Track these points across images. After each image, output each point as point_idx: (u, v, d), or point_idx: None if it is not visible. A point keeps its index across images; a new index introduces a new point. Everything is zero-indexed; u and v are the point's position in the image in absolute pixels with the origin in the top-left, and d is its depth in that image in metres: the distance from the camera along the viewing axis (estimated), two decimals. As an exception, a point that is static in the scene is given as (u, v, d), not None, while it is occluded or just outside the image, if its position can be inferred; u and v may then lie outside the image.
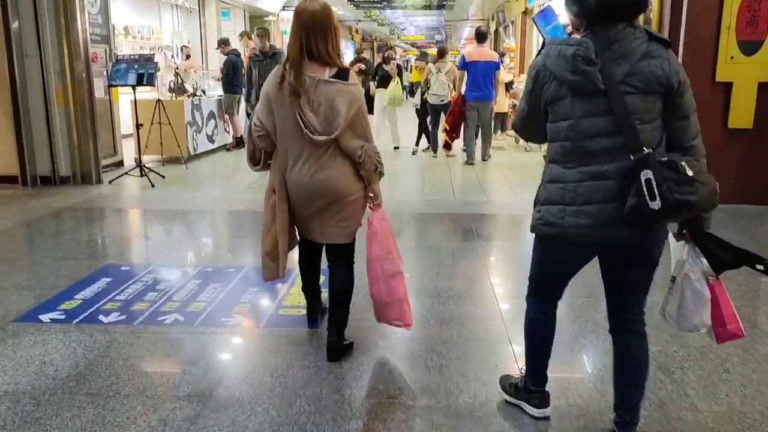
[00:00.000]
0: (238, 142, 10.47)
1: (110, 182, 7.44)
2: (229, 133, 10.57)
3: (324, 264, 3.15)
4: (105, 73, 7.77)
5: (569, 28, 2.91)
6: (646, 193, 1.84)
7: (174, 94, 9.29)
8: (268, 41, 8.86)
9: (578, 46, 1.94)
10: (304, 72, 2.63)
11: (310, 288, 3.29)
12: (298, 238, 3.07)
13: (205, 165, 9.12)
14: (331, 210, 2.80)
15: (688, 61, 5.96)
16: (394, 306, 2.92)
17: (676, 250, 2.16)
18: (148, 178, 7.46)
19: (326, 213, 2.81)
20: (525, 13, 15.83)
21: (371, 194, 2.85)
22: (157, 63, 7.80)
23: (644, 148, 1.90)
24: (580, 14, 2.01)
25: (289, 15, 17.12)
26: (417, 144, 10.06)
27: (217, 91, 10.56)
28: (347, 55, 19.58)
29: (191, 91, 9.84)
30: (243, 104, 10.48)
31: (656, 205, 1.82)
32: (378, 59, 11.87)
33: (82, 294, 3.83)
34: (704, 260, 2.09)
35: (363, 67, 10.38)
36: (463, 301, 3.75)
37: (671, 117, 1.99)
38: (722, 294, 2.13)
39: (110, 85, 7.77)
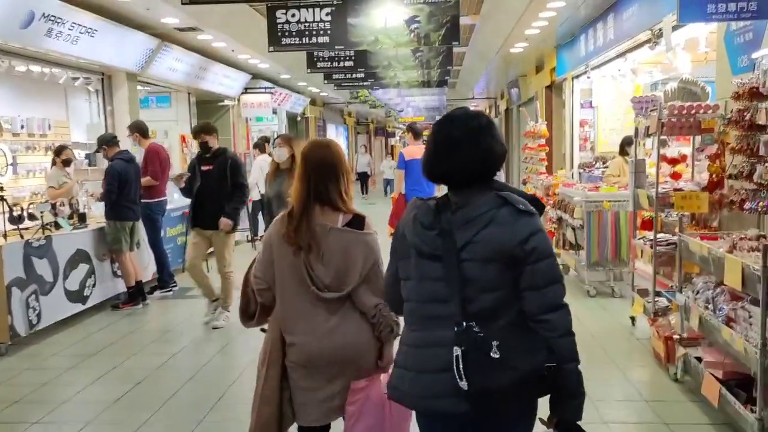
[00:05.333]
0: (135, 295, 6.71)
1: None
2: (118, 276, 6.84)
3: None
4: None
5: None
6: (454, 370, 1.78)
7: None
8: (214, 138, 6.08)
9: (418, 209, 1.98)
10: (315, 219, 2.45)
11: None
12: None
13: (56, 348, 5.39)
14: (342, 380, 2.47)
15: None
16: None
17: None
18: None
19: (335, 384, 2.48)
20: (550, 88, 12.42)
21: (379, 359, 2.52)
22: None
23: (464, 322, 1.81)
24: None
25: (254, 99, 13.79)
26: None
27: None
28: (340, 141, 16.31)
29: (53, 218, 6.17)
30: (140, 235, 6.76)
31: (464, 385, 1.77)
32: (375, 142, 9.18)
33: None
34: None
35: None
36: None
37: (521, 287, 1.88)
38: None
39: None
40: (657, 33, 6.68)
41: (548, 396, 1.91)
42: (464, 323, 1.82)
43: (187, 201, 6.20)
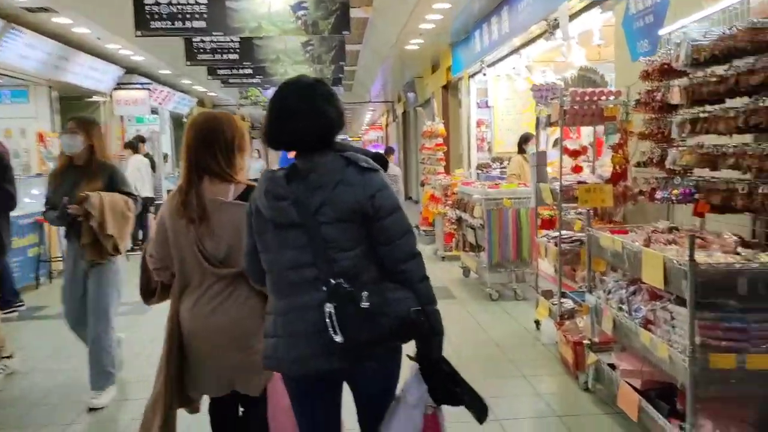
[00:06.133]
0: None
1: None
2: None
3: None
4: None
5: None
6: (329, 326, 1.85)
7: None
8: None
9: (268, 182, 1.99)
10: (204, 192, 2.41)
11: None
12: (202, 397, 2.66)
13: None
14: (232, 356, 2.46)
15: None
16: None
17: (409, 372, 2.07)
18: None
19: (224, 360, 2.47)
20: (446, 88, 12.16)
21: None
22: None
23: (332, 280, 1.88)
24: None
25: (128, 95, 12.57)
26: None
27: None
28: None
29: None
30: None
31: (339, 339, 1.84)
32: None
33: None
34: (426, 387, 2.00)
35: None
36: None
37: (375, 242, 1.98)
38: (435, 427, 2.02)
39: None
40: (553, 23, 6.43)
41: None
42: (332, 281, 1.89)
43: (39, 206, 5.08)
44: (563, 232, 4.78)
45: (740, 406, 2.84)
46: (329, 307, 1.85)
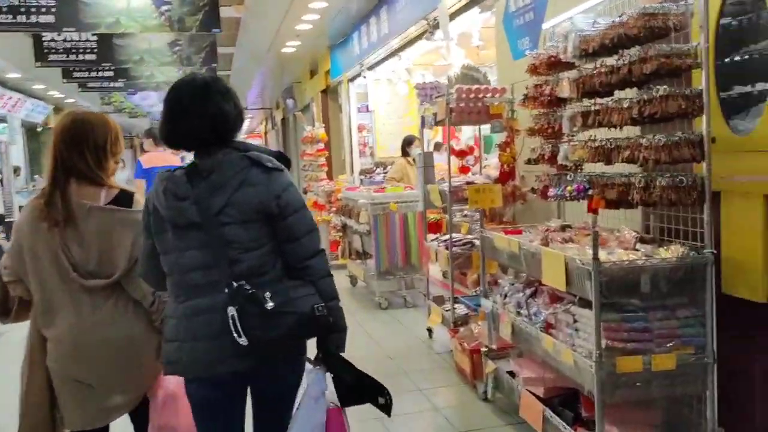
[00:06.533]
0: None
1: None
2: None
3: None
4: None
5: None
6: (233, 329, 1.82)
7: None
8: None
9: (167, 181, 1.95)
10: (71, 195, 2.22)
11: None
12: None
13: None
14: (113, 378, 2.26)
15: None
16: None
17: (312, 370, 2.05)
18: None
19: (106, 384, 2.25)
20: (326, 92, 11.86)
21: None
22: None
23: (234, 282, 1.85)
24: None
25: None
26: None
27: None
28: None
29: None
30: None
31: (244, 341, 1.82)
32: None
33: None
34: (329, 383, 2.02)
35: None
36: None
37: (280, 240, 1.98)
38: (339, 422, 2.01)
39: None
40: (433, 23, 6.33)
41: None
42: (234, 283, 1.86)
43: None
44: (453, 235, 4.61)
45: (646, 408, 2.73)
46: (232, 310, 1.83)
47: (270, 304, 1.83)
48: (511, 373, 3.47)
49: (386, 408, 2.02)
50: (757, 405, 2.70)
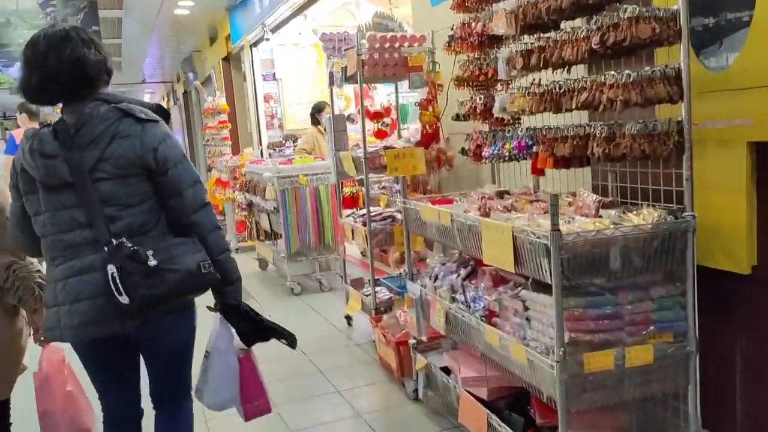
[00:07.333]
0: None
1: None
2: None
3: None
4: None
5: None
6: (113, 288, 1.76)
7: None
8: None
9: (32, 139, 1.84)
10: None
11: None
12: None
13: None
14: None
15: None
16: None
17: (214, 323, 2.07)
18: None
19: None
20: (228, 60, 10.89)
21: (33, 327, 2.29)
22: None
23: (113, 240, 1.79)
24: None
25: None
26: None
27: None
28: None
29: None
30: None
31: (125, 300, 1.76)
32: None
33: None
34: (233, 331, 2.04)
35: None
36: None
37: (162, 195, 1.90)
38: (250, 367, 2.10)
39: None
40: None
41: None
42: (114, 241, 1.79)
43: None
44: (371, 208, 4.00)
45: (612, 410, 2.23)
46: (112, 268, 1.76)
47: (153, 262, 1.77)
48: (446, 369, 2.92)
49: (292, 342, 2.07)
50: (738, 399, 2.27)
